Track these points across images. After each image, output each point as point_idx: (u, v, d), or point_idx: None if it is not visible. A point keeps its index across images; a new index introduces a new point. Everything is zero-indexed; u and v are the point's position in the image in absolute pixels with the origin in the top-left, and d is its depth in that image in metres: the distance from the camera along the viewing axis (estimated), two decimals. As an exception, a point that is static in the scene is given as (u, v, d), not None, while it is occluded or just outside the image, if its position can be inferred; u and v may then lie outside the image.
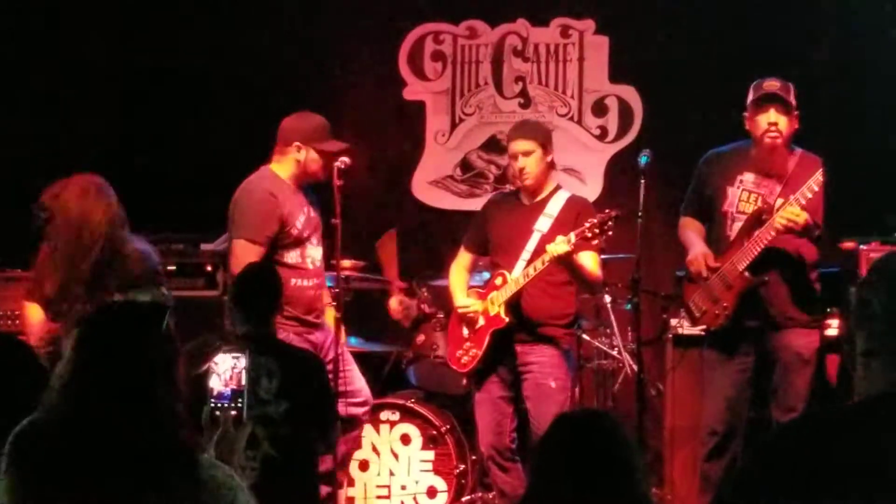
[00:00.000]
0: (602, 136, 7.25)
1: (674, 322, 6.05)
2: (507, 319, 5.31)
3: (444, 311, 6.37)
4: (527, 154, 5.31)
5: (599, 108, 7.24)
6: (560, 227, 5.25)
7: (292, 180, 5.42)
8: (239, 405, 2.71)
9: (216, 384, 2.71)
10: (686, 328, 5.87)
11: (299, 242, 5.36)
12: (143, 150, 7.17)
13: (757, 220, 5.10)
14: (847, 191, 5.54)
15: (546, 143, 5.37)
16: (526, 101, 7.33)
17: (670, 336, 6.09)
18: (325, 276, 5.53)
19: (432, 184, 7.39)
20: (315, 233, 5.43)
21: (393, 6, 7.40)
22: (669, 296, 6.11)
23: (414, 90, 7.42)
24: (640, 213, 5.12)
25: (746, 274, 5.09)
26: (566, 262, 5.12)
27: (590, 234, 5.00)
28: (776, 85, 5.12)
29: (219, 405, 2.69)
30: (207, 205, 6.94)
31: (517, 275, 5.27)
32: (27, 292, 5.16)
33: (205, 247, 6.49)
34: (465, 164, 7.38)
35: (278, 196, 5.33)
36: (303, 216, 5.37)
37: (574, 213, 5.31)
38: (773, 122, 5.11)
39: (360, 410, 5.48)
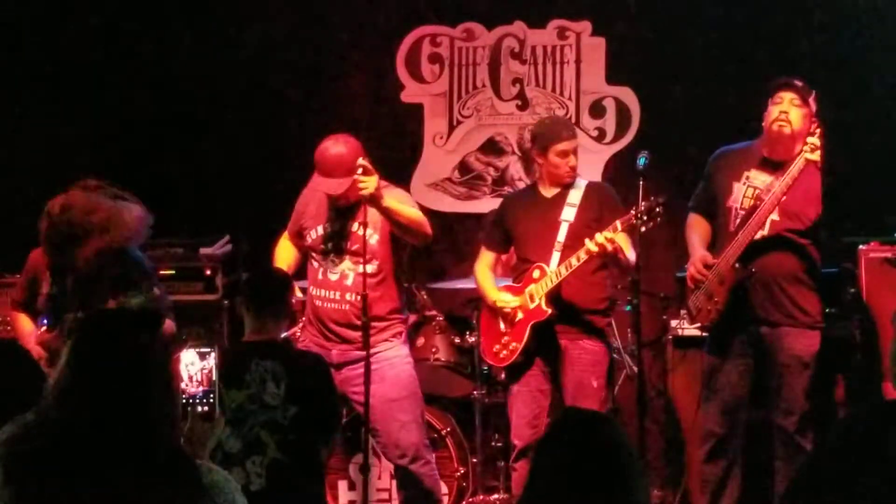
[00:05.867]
0: (600, 137, 7.24)
1: (674, 323, 6.07)
2: (548, 311, 5.32)
3: (444, 313, 6.38)
4: (576, 151, 5.40)
5: (597, 110, 7.23)
6: (584, 214, 5.30)
7: None
8: (210, 401, 2.71)
9: (186, 380, 2.72)
10: (686, 329, 5.88)
11: (315, 251, 5.31)
12: (142, 155, 7.16)
13: (750, 214, 5.11)
14: (847, 190, 5.54)
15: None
16: (523, 102, 7.32)
17: (670, 337, 6.09)
18: (347, 292, 5.22)
19: (430, 186, 7.38)
20: (340, 249, 5.27)
21: (390, 9, 7.39)
22: (669, 297, 6.12)
23: (412, 93, 7.41)
24: (641, 215, 5.11)
25: (736, 266, 5.09)
26: (608, 256, 5.13)
27: (636, 221, 5.02)
28: (797, 81, 5.11)
29: (189, 401, 2.69)
30: (206, 209, 6.98)
31: (556, 267, 5.28)
32: (13, 302, 5.13)
33: (203, 251, 6.48)
34: (464, 167, 7.37)
35: (307, 196, 5.38)
36: (321, 228, 5.30)
37: (595, 198, 5.34)
38: (784, 111, 5.09)
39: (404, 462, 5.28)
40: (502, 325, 5.47)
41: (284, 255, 5.47)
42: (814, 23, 6.79)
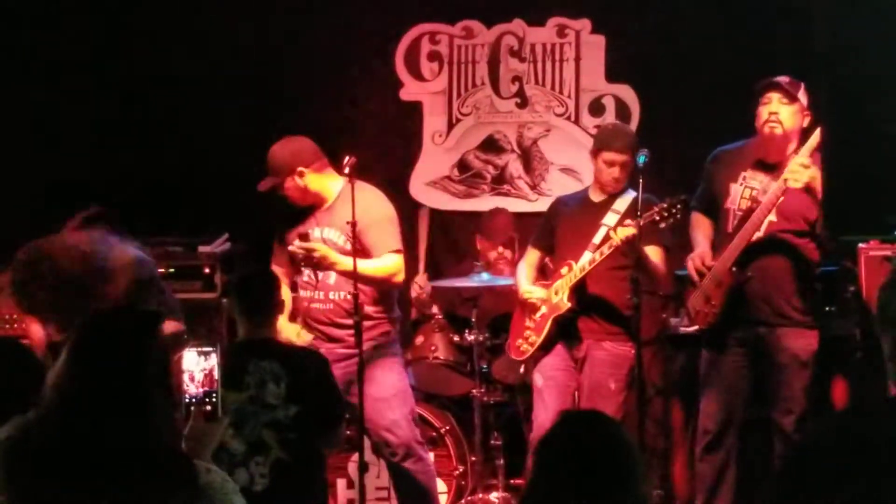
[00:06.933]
0: (600, 135, 7.22)
1: (673, 321, 6.05)
2: (568, 304, 5.37)
3: (443, 312, 6.38)
4: (624, 165, 5.37)
5: (596, 108, 7.22)
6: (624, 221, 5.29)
7: None
8: (213, 400, 2.70)
9: (188, 380, 2.70)
10: (685, 328, 5.88)
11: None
12: (141, 152, 7.15)
13: (747, 216, 5.12)
14: (846, 188, 5.53)
15: (636, 151, 5.32)
16: (523, 100, 7.31)
17: (670, 335, 6.09)
18: (332, 291, 5.31)
19: (430, 184, 7.37)
20: None
21: (389, 7, 7.38)
22: (669, 295, 6.11)
23: (411, 91, 7.40)
24: (638, 213, 5.11)
25: (733, 269, 5.10)
26: (632, 247, 5.12)
27: (658, 217, 5.05)
28: (783, 78, 5.13)
29: (192, 400, 2.68)
30: (205, 207, 6.97)
31: (583, 262, 5.32)
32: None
33: (202, 249, 6.47)
34: (463, 165, 7.36)
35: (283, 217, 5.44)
36: (307, 234, 5.30)
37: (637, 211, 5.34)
38: (773, 112, 5.10)
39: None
40: (528, 321, 5.52)
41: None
42: (813, 21, 6.77)
